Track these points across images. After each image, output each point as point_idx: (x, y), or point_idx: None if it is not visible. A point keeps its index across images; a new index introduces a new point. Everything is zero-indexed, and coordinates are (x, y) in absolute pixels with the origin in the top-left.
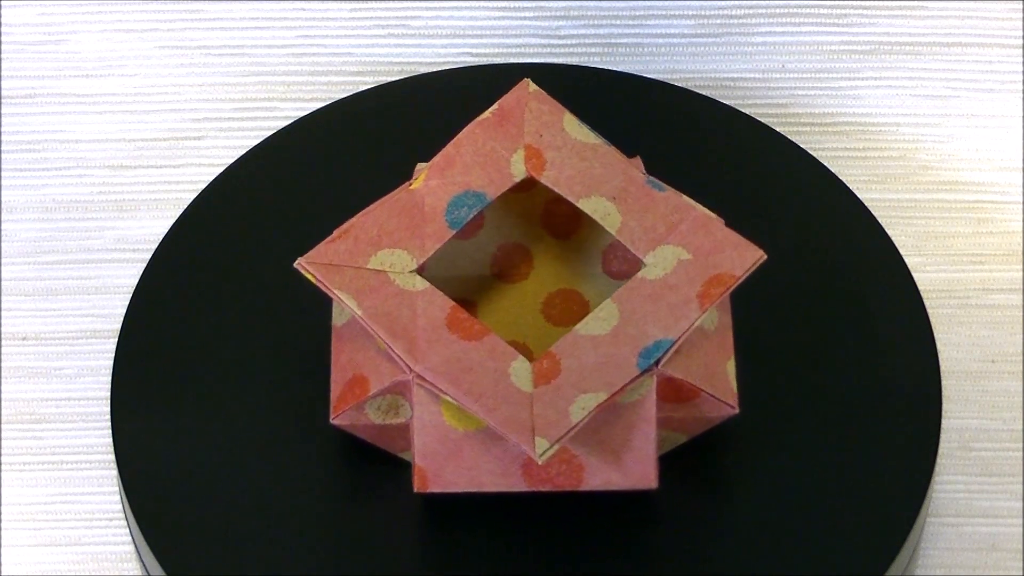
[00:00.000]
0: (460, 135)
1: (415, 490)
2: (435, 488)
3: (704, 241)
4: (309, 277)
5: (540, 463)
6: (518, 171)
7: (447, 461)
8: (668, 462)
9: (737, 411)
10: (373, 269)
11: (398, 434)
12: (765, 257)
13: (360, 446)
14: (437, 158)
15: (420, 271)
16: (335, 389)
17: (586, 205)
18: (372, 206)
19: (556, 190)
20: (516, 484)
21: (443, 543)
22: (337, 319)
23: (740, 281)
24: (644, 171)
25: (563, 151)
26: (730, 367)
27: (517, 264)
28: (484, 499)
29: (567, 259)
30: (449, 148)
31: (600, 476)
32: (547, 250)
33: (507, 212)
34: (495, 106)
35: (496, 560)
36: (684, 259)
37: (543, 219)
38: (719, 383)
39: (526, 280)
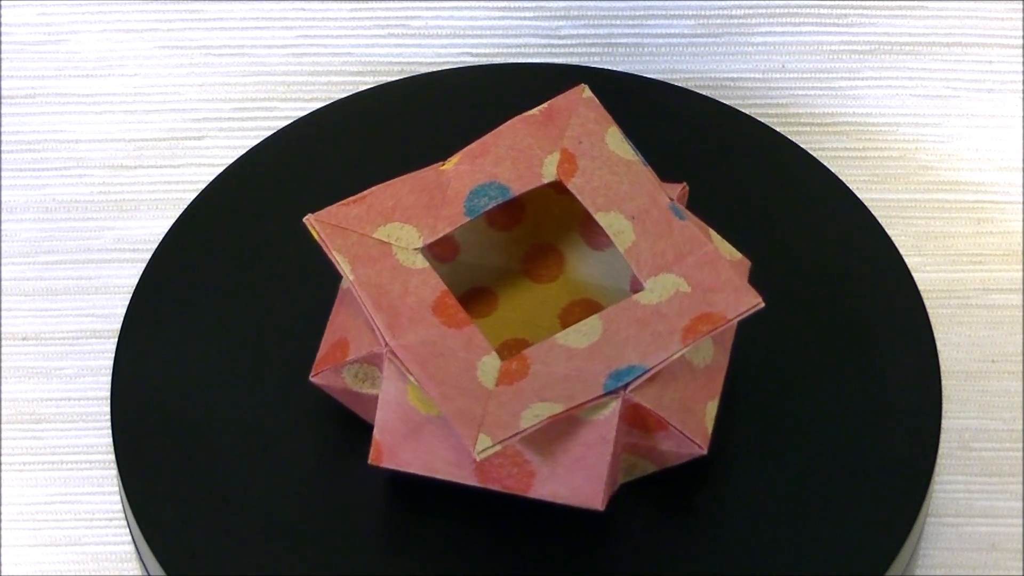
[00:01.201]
0: (502, 126)
1: (369, 461)
2: (388, 464)
3: (706, 277)
4: (314, 234)
5: (477, 459)
6: (548, 173)
7: (404, 440)
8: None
9: (705, 452)
10: (378, 239)
11: (372, 404)
12: (762, 305)
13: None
14: (474, 144)
15: (451, 255)
16: (322, 348)
17: (603, 219)
18: (397, 179)
19: (579, 198)
20: (467, 477)
21: (411, 529)
22: (345, 282)
23: (729, 324)
24: (684, 198)
25: (597, 161)
26: (710, 408)
27: (548, 265)
28: (454, 488)
29: (597, 270)
30: (488, 137)
31: (549, 487)
32: (580, 258)
33: (547, 212)
34: (544, 105)
35: (450, 546)
36: (683, 291)
37: (582, 226)
38: (691, 421)
39: (552, 283)
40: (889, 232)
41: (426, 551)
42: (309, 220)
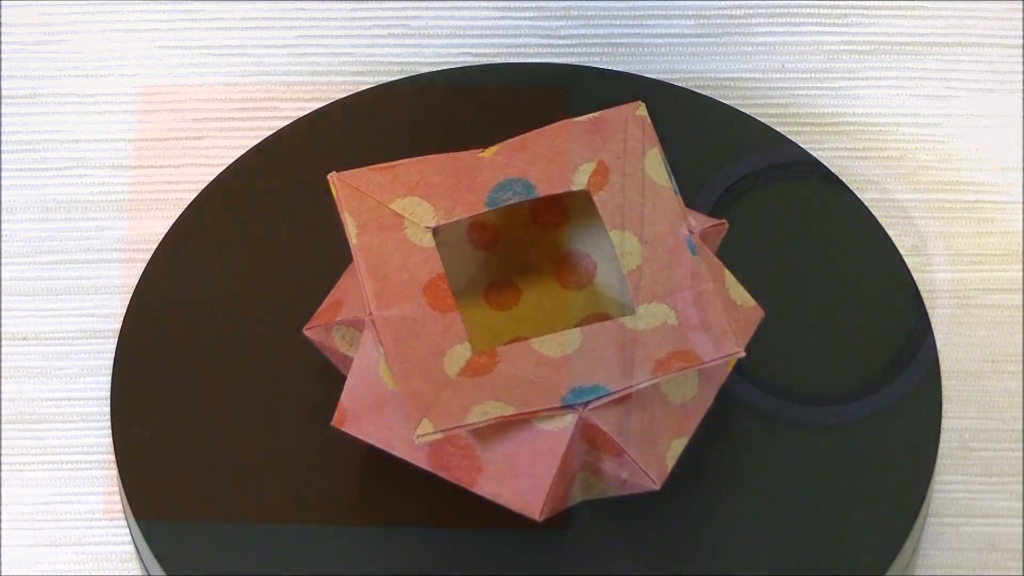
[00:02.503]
0: (549, 126)
1: (332, 423)
2: (350, 430)
3: (695, 315)
4: (333, 191)
5: (416, 442)
6: (579, 181)
7: (368, 410)
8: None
9: (657, 488)
10: (393, 210)
11: None
12: (743, 354)
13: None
14: (516, 138)
15: (490, 244)
16: (324, 304)
17: (616, 236)
18: (432, 155)
19: (600, 211)
20: (420, 460)
21: (383, 511)
22: None
23: (707, 365)
24: (718, 236)
25: (629, 180)
26: (676, 444)
27: (579, 273)
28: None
29: (624, 288)
30: (532, 134)
31: (493, 485)
32: (610, 272)
33: (590, 221)
34: (596, 113)
35: (410, 526)
36: (670, 323)
37: None
38: (650, 454)
39: (579, 291)
40: (889, 232)
41: (394, 535)
42: (332, 177)
